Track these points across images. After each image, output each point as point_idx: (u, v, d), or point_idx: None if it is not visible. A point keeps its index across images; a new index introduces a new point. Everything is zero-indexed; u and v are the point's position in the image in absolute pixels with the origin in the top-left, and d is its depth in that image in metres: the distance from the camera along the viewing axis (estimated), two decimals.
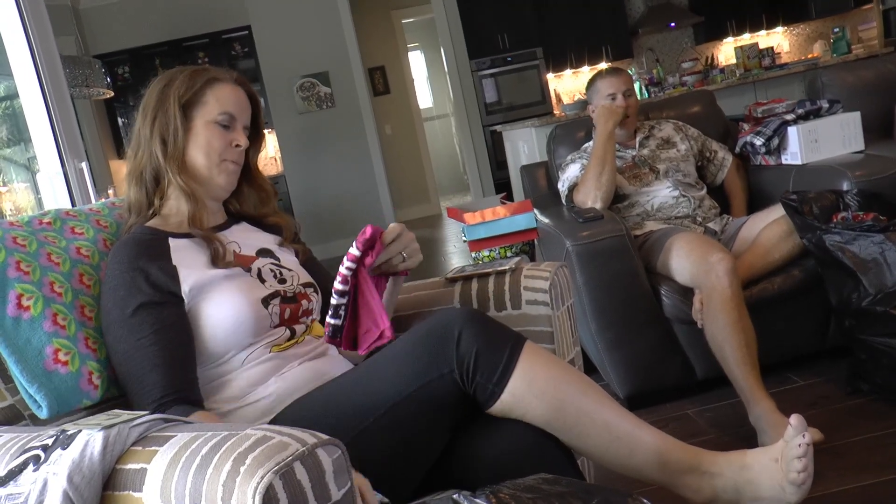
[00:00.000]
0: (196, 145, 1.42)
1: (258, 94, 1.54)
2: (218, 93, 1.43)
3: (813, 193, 2.23)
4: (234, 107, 1.44)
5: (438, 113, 10.94)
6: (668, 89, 6.58)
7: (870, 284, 2.02)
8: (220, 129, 1.42)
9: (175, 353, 1.25)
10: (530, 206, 2.48)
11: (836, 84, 2.83)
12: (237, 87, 1.46)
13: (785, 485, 1.19)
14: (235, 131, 1.44)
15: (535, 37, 7.35)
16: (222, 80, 1.44)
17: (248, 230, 1.54)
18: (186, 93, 1.40)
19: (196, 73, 1.43)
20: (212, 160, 1.42)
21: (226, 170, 1.45)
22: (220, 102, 1.42)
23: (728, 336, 2.07)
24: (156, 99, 1.42)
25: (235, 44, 7.56)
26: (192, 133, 1.41)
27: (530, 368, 1.20)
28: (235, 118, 1.44)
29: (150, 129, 1.41)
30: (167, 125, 1.40)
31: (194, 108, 1.41)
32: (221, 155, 1.43)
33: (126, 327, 1.25)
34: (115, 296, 1.28)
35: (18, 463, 0.94)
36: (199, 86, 1.42)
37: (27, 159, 3.94)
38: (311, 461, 0.83)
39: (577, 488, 0.94)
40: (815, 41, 7.63)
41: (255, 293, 1.36)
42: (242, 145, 1.45)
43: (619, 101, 2.63)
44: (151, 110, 1.41)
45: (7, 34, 2.44)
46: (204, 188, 1.45)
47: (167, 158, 1.40)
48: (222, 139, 1.43)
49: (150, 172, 1.42)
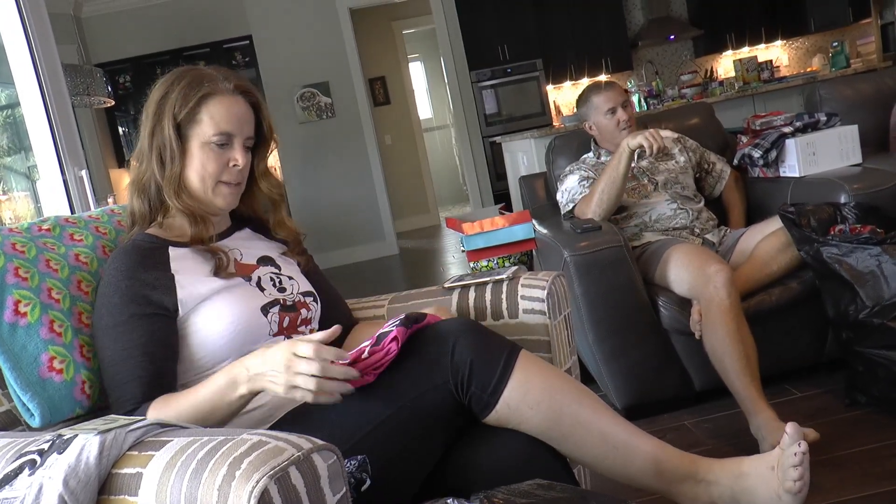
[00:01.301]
0: (191, 168, 1.37)
1: (261, 99, 1.45)
2: (213, 110, 1.36)
3: (811, 206, 2.24)
4: (231, 124, 1.37)
5: (438, 124, 10.97)
6: (666, 101, 6.60)
7: (867, 297, 2.03)
8: (216, 149, 1.37)
9: (158, 367, 1.25)
10: (529, 217, 2.49)
11: (835, 97, 2.84)
12: (236, 97, 1.39)
13: (781, 493, 1.19)
14: (233, 150, 1.38)
15: (535, 48, 7.38)
16: (218, 93, 1.37)
17: (250, 237, 1.54)
18: (181, 111, 1.35)
19: (192, 86, 1.36)
20: (207, 184, 1.38)
21: (221, 193, 1.40)
22: (215, 121, 1.36)
23: (727, 347, 2.07)
24: (153, 112, 1.37)
25: (236, 53, 7.59)
26: (187, 155, 1.37)
27: (525, 379, 1.20)
28: (233, 135, 1.38)
29: (148, 145, 1.38)
30: (164, 146, 1.36)
31: (189, 128, 1.36)
32: (216, 178, 1.38)
33: (114, 334, 1.26)
34: (110, 302, 1.28)
35: (14, 467, 0.94)
36: (194, 103, 1.35)
37: (27, 168, 3.95)
38: (307, 466, 0.83)
39: (571, 494, 0.94)
40: (814, 55, 7.67)
41: (255, 302, 1.36)
42: (241, 165, 1.39)
43: (620, 114, 2.64)
44: (150, 123, 1.37)
45: (9, 43, 2.45)
46: (205, 206, 1.42)
47: (165, 180, 1.37)
48: (218, 161, 1.37)
49: (154, 187, 1.40)
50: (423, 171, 9.21)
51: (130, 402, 1.22)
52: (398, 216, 8.33)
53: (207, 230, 1.42)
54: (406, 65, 9.22)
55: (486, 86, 7.39)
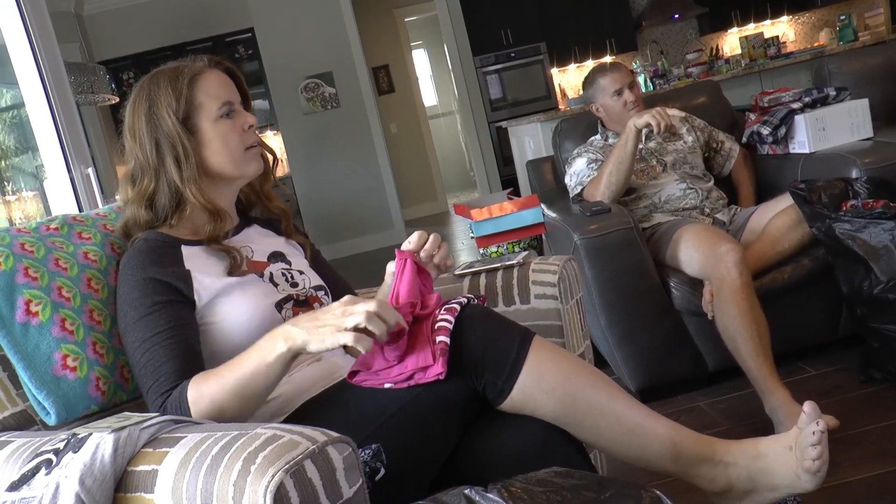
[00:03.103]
0: (212, 150, 1.37)
1: (234, 67, 1.46)
2: (205, 87, 1.37)
3: (821, 182, 2.21)
4: (227, 91, 1.39)
5: (444, 110, 10.94)
6: (673, 81, 6.56)
7: (881, 272, 2.01)
8: (227, 120, 1.38)
9: (190, 346, 1.24)
10: (537, 202, 2.47)
11: (843, 71, 2.81)
12: (215, 70, 1.41)
13: (800, 472, 1.18)
14: (240, 114, 1.40)
15: (539, 32, 7.34)
16: (200, 72, 1.38)
17: (260, 234, 1.54)
18: (178, 105, 1.34)
19: (174, 80, 1.36)
20: (236, 155, 1.39)
21: (253, 156, 1.42)
22: (213, 95, 1.37)
23: (740, 327, 2.06)
24: (147, 124, 1.36)
25: (239, 46, 7.57)
26: (202, 141, 1.37)
27: (539, 364, 1.20)
28: (232, 102, 1.39)
29: (156, 156, 1.36)
30: (175, 147, 1.35)
31: (194, 116, 1.36)
32: (243, 145, 1.39)
33: (143, 325, 1.24)
34: (130, 298, 1.27)
35: (31, 467, 0.95)
36: (187, 91, 1.35)
37: (35, 167, 3.95)
38: (322, 459, 0.83)
39: (589, 481, 0.94)
40: (821, 29, 7.59)
41: (270, 298, 1.36)
42: (253, 123, 1.41)
43: (627, 95, 2.62)
44: (148, 137, 1.36)
45: (11, 43, 2.45)
46: (232, 188, 1.44)
47: (184, 181, 1.35)
48: (235, 130, 1.38)
49: (167, 196, 1.38)
50: (430, 158, 9.19)
51: (168, 381, 1.19)
52: (406, 204, 8.32)
53: (225, 226, 1.42)
54: (409, 52, 9.19)
55: (491, 71, 7.36)
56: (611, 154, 2.45)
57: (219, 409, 1.12)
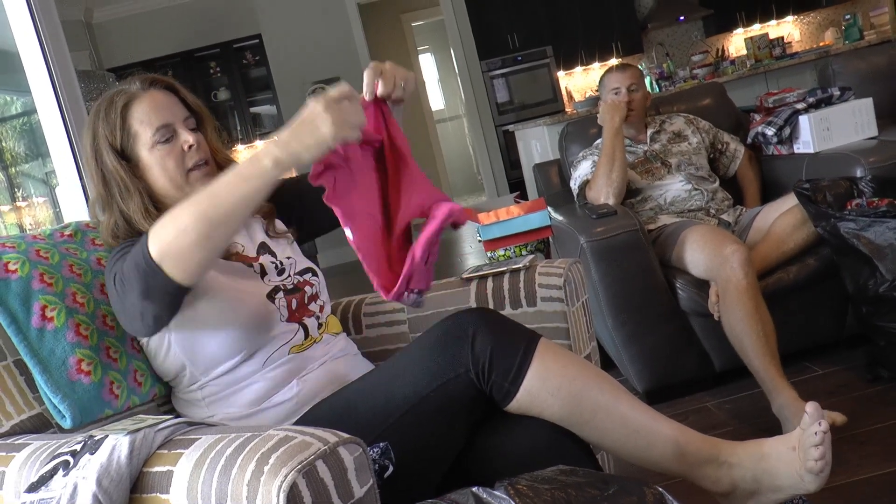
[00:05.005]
0: (153, 177, 1.35)
1: (173, 80, 1.41)
2: (138, 114, 1.33)
3: (826, 181, 2.22)
4: (161, 115, 1.34)
5: (451, 114, 10.95)
6: (678, 83, 6.56)
7: (886, 271, 2.02)
8: (165, 146, 1.34)
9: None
10: (544, 205, 2.48)
11: (848, 71, 2.82)
12: (150, 91, 1.36)
13: (803, 473, 1.19)
14: (179, 136, 1.35)
15: (545, 35, 7.35)
16: (133, 98, 1.34)
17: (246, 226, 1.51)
18: (114, 136, 1.32)
19: (108, 109, 1.33)
20: (177, 181, 1.35)
21: (196, 179, 1.36)
22: (146, 122, 1.33)
23: (746, 327, 2.07)
24: (93, 159, 1.34)
25: (247, 53, 7.62)
26: (144, 169, 1.34)
27: (545, 366, 1.21)
28: (170, 124, 1.35)
29: (105, 190, 1.34)
30: (117, 178, 1.32)
31: (130, 145, 1.33)
32: (182, 168, 1.35)
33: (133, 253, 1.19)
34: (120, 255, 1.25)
35: (49, 468, 0.97)
36: (119, 120, 1.32)
37: (45, 174, 3.99)
38: (334, 459, 0.84)
39: (593, 478, 0.95)
40: (827, 29, 7.57)
41: (260, 290, 1.37)
42: (193, 142, 1.35)
43: (621, 95, 2.63)
44: (96, 171, 1.34)
45: (24, 52, 2.48)
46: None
47: (134, 211, 1.32)
48: (172, 154, 1.34)
49: (124, 228, 1.35)
50: (437, 161, 9.21)
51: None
52: None
53: None
54: (416, 57, 9.22)
55: (497, 75, 7.37)
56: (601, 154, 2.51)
57: (182, 228, 1.10)
